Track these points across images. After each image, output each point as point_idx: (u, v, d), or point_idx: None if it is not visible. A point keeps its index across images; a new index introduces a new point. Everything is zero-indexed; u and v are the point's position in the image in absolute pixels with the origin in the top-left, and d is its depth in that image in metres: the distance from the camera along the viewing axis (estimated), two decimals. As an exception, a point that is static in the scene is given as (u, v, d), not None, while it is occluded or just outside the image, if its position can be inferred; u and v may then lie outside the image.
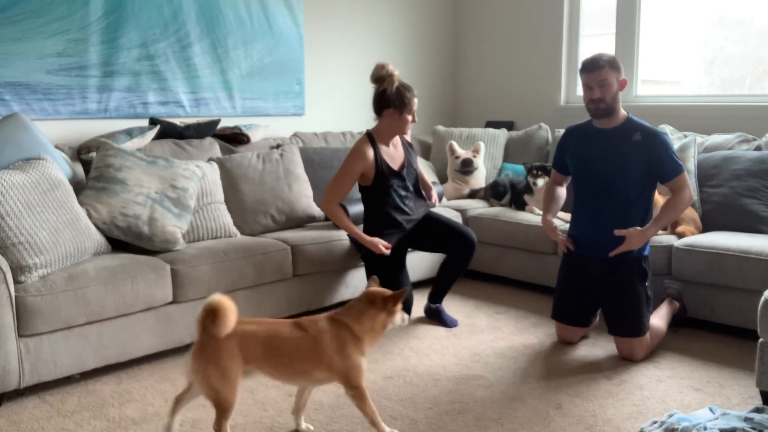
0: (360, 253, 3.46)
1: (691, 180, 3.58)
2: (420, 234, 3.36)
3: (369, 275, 3.36)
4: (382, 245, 3.15)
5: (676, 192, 2.83)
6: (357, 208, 3.56)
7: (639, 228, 2.78)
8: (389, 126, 3.22)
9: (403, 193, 3.28)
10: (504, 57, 5.15)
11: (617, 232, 2.79)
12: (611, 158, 2.86)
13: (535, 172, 4.00)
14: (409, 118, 3.21)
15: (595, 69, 2.80)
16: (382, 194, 3.23)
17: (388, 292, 2.24)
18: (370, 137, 3.23)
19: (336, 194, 3.19)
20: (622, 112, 2.90)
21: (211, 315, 1.99)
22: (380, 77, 3.20)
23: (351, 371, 2.16)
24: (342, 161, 3.91)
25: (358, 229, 3.21)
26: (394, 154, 3.29)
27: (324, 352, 2.14)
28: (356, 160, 3.17)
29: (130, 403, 2.51)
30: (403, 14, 5.07)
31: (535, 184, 3.98)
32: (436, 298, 3.39)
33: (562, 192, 3.17)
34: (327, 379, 2.19)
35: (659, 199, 3.41)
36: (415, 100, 3.20)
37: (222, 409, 2.05)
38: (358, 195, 3.89)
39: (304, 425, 2.31)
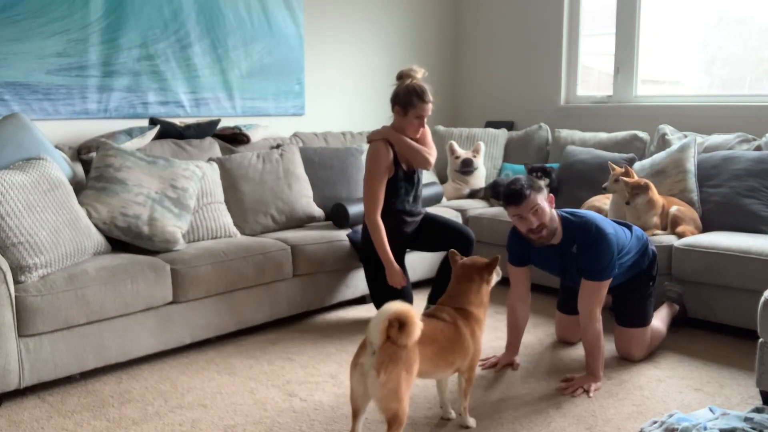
0: (359, 255, 3.46)
1: (691, 180, 3.58)
2: (417, 234, 3.36)
3: (368, 277, 3.36)
4: (400, 279, 3.15)
5: (581, 319, 2.66)
6: (357, 208, 3.56)
7: (585, 374, 2.64)
8: (397, 125, 3.19)
9: (410, 198, 3.27)
10: (504, 57, 5.15)
11: (567, 382, 2.65)
12: (565, 271, 2.78)
13: (535, 174, 4.01)
14: (415, 121, 3.12)
15: (522, 199, 2.56)
16: (390, 195, 3.20)
17: (479, 262, 2.40)
18: None
19: (374, 203, 3.13)
20: (557, 222, 2.67)
21: (396, 324, 1.91)
22: (401, 75, 3.16)
23: (477, 355, 2.31)
24: (341, 161, 3.93)
25: (390, 255, 3.15)
26: None
27: (466, 338, 2.25)
28: (380, 161, 3.12)
29: (130, 403, 2.51)
30: (403, 14, 5.07)
31: None
32: (435, 298, 3.39)
33: (524, 311, 2.87)
34: (461, 366, 2.26)
35: (659, 198, 3.42)
36: (426, 106, 3.09)
37: (401, 422, 1.95)
38: (360, 195, 3.90)
39: (453, 413, 2.36)
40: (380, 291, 3.32)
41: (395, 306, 1.91)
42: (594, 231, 2.62)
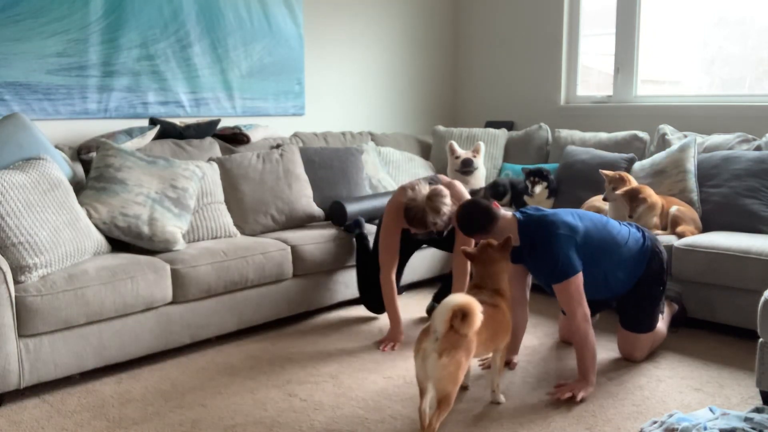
0: (356, 256, 3.48)
1: (691, 180, 3.58)
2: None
3: (359, 277, 3.40)
4: (390, 347, 3.04)
5: (567, 316, 2.62)
6: (357, 207, 3.57)
7: (577, 379, 2.58)
8: None
9: (421, 237, 3.17)
10: (504, 57, 5.15)
11: (558, 387, 2.58)
12: (534, 272, 2.76)
13: (532, 178, 4.01)
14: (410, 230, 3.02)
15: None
16: (401, 239, 3.14)
17: (494, 243, 2.49)
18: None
19: (388, 256, 3.06)
20: (511, 228, 2.60)
21: (459, 315, 2.04)
22: (433, 192, 2.92)
23: (510, 329, 2.47)
24: (341, 161, 3.93)
25: (399, 314, 3.09)
26: None
27: (507, 316, 2.42)
28: (393, 219, 3.06)
29: (130, 403, 2.51)
30: (403, 14, 5.07)
31: (533, 190, 3.99)
32: (442, 297, 3.39)
33: (522, 314, 2.83)
34: (501, 344, 2.44)
35: (657, 199, 3.41)
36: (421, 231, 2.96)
37: (450, 404, 2.09)
38: (361, 193, 3.90)
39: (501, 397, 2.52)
40: (370, 292, 3.35)
41: (459, 298, 2.06)
42: (541, 232, 2.55)
